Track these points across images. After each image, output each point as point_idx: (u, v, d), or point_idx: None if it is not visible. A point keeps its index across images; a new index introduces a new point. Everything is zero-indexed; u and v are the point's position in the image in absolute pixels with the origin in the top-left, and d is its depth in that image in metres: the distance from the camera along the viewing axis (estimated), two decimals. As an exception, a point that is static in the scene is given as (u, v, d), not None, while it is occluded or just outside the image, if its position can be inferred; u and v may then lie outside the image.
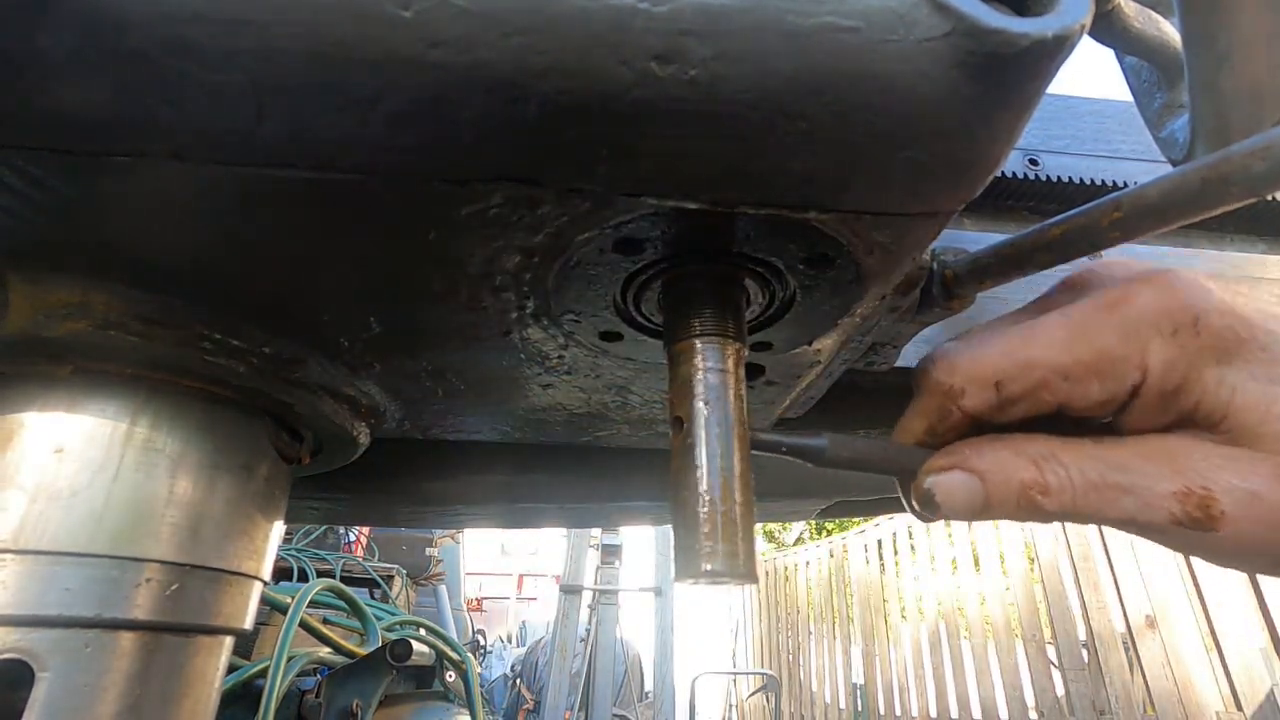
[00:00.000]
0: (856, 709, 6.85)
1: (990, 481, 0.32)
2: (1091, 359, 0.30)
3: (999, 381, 0.32)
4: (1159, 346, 0.29)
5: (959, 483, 0.32)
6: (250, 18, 0.23)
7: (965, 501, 0.32)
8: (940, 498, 0.33)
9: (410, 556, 3.83)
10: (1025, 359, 0.31)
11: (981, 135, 0.28)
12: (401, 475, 0.74)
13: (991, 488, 0.32)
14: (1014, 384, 0.31)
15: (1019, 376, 0.31)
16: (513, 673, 7.09)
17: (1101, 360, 0.30)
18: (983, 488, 0.32)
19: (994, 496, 0.31)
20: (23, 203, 0.30)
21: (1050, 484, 0.31)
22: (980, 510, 0.32)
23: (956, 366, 0.33)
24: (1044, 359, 0.31)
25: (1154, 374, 0.30)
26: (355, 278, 0.37)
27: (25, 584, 0.35)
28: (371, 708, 1.22)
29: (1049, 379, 0.31)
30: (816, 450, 0.36)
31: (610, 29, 0.23)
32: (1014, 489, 0.31)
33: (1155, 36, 0.57)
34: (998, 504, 0.31)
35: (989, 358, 0.32)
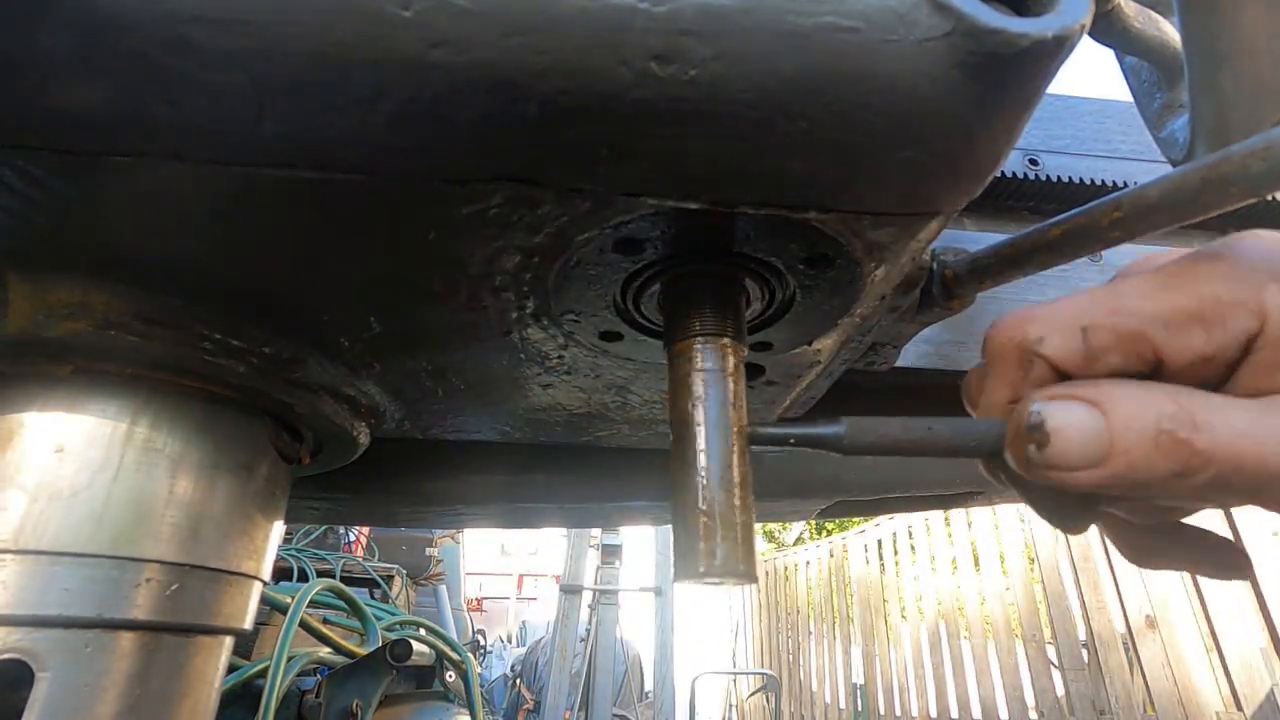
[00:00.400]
0: (856, 709, 6.85)
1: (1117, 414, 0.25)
2: (1195, 305, 0.26)
3: (1085, 327, 0.27)
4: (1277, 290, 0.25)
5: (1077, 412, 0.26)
6: (250, 17, 0.23)
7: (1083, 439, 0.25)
8: (1053, 424, 0.26)
9: (410, 556, 3.83)
10: (1115, 305, 0.27)
11: (981, 135, 0.28)
12: (401, 475, 0.74)
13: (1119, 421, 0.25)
14: (1103, 331, 0.27)
15: (1109, 323, 0.27)
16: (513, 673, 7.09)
17: (1207, 305, 0.26)
18: (1106, 424, 0.25)
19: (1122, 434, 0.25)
20: (23, 203, 0.30)
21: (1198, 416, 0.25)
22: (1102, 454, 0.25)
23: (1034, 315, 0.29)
24: (1137, 306, 0.27)
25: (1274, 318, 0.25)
26: (355, 278, 0.37)
27: (25, 584, 0.35)
28: (371, 708, 1.22)
29: (1145, 327, 0.26)
30: (834, 438, 0.32)
31: (610, 29, 0.23)
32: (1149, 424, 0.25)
33: (1155, 36, 0.57)
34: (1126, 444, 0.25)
35: (1073, 304, 0.28)
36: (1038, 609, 5.03)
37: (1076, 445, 0.26)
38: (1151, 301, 0.27)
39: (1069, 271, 0.68)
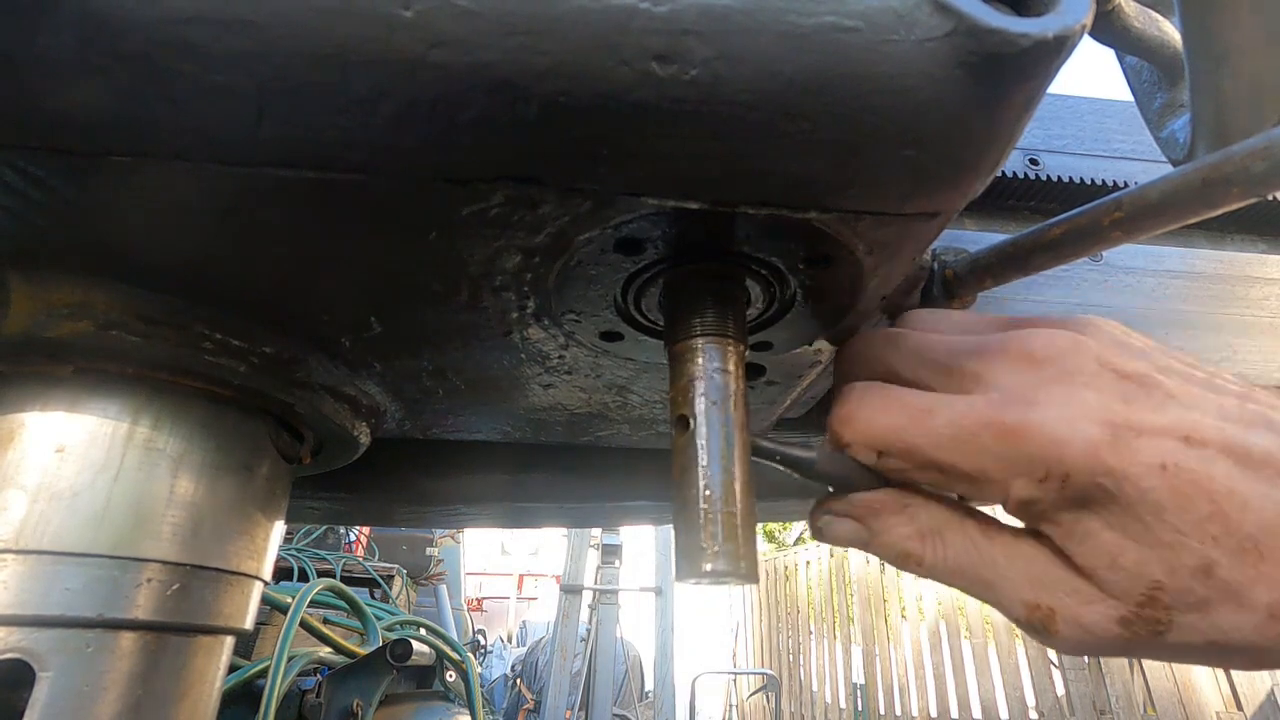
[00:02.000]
0: (857, 709, 6.85)
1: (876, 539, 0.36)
2: (967, 469, 0.32)
3: (881, 451, 0.34)
4: (1023, 485, 0.31)
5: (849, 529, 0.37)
6: (251, 18, 0.23)
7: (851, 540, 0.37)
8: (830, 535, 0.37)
9: (410, 556, 3.83)
10: (910, 443, 0.33)
11: (982, 135, 0.28)
12: (402, 475, 0.74)
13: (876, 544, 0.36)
14: (892, 459, 0.34)
15: (900, 455, 0.34)
16: (513, 673, 7.09)
17: (975, 474, 0.32)
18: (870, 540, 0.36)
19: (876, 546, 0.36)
20: (24, 203, 0.30)
21: (926, 559, 0.34)
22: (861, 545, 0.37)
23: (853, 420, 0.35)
24: (926, 451, 0.33)
25: (1012, 504, 0.32)
26: (356, 278, 0.37)
27: (26, 584, 0.35)
28: (372, 707, 1.22)
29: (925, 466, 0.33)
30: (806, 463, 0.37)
31: (611, 29, 0.23)
32: (895, 552, 0.35)
33: (1155, 36, 0.57)
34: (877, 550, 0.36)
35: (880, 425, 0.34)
36: (1038, 609, 5.02)
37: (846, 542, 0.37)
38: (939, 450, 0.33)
39: (1069, 271, 0.68)
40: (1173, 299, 0.69)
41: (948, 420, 0.33)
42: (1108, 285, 0.69)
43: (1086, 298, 0.68)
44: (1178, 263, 0.71)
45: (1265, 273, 0.73)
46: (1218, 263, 0.73)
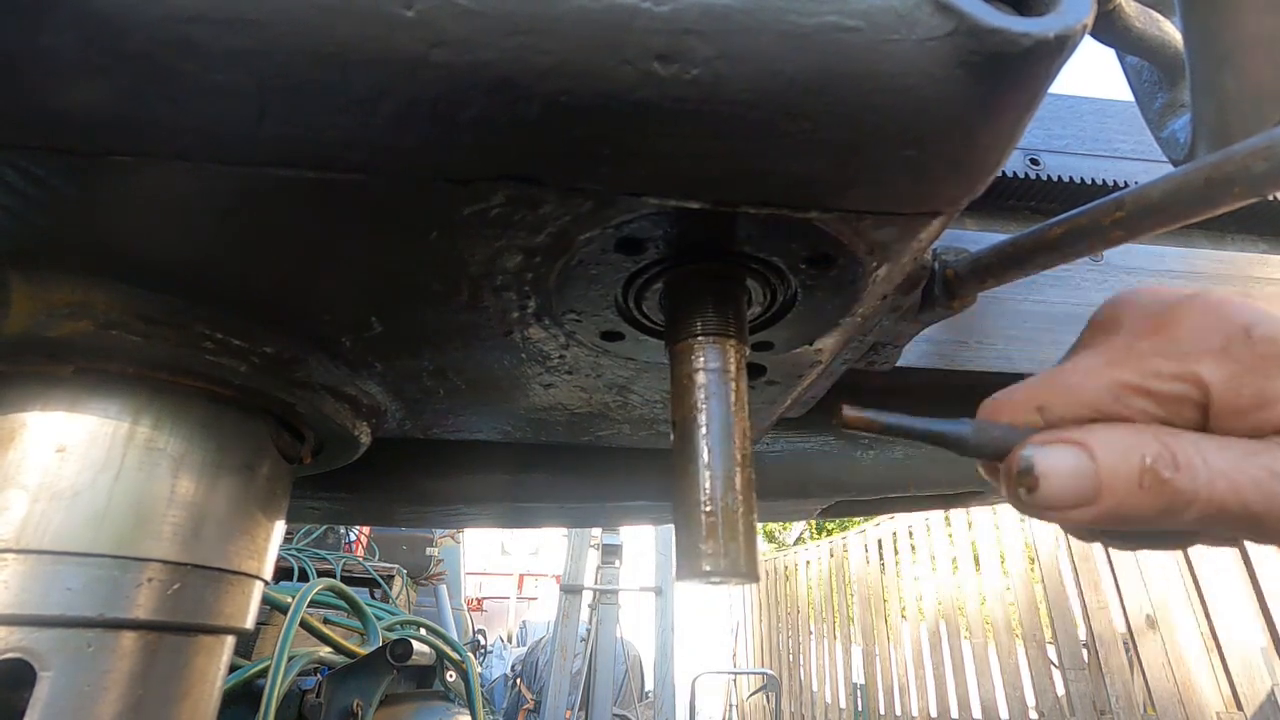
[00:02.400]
0: (856, 709, 6.85)
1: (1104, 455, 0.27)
2: (1137, 380, 0.28)
3: (1040, 405, 0.30)
4: (1212, 364, 0.27)
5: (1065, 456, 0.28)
6: (252, 17, 0.23)
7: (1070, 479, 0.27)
8: (1041, 469, 0.28)
9: (410, 556, 3.82)
10: (1064, 384, 0.29)
11: (983, 135, 0.28)
12: (402, 475, 0.74)
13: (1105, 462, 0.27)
14: (1059, 408, 0.29)
15: (1059, 400, 0.29)
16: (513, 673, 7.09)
17: (1149, 381, 0.28)
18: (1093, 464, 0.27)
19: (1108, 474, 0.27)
20: (25, 202, 0.30)
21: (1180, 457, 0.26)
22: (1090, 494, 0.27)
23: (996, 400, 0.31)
24: (1086, 383, 0.29)
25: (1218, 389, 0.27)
26: (356, 278, 0.37)
27: (27, 584, 0.35)
28: (372, 707, 1.22)
29: (1097, 399, 0.28)
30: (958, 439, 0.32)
31: (613, 29, 0.23)
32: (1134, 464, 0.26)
33: (1156, 36, 0.57)
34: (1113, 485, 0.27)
35: (1025, 387, 0.30)
36: (1038, 609, 5.03)
37: (1065, 487, 0.27)
38: (1098, 379, 0.29)
39: (1070, 271, 0.68)
40: (1173, 299, 0.69)
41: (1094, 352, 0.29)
42: (1108, 285, 0.69)
43: (1087, 298, 0.68)
44: (1178, 263, 0.71)
45: (1265, 273, 0.73)
46: (1218, 263, 0.73)
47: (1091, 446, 0.27)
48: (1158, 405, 0.28)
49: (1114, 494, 0.27)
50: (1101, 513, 0.27)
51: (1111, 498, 0.27)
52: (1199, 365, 0.27)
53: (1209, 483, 0.26)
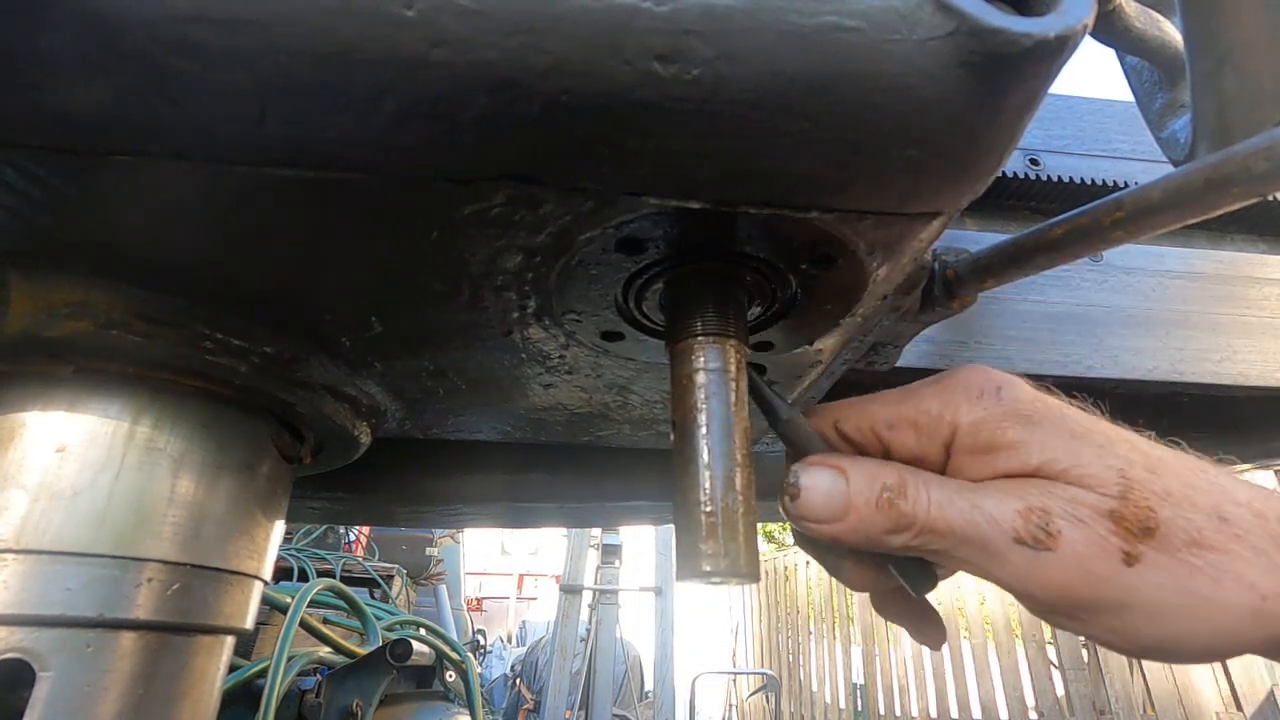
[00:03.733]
0: (856, 709, 6.84)
1: (855, 478, 0.34)
2: (911, 414, 0.35)
3: (835, 420, 0.37)
4: (967, 408, 0.34)
5: (826, 476, 0.34)
6: (252, 17, 0.23)
7: (827, 495, 0.34)
8: (804, 483, 0.34)
9: (410, 556, 3.82)
10: (861, 409, 0.37)
11: (984, 135, 0.28)
12: (402, 475, 0.74)
13: (855, 484, 0.34)
14: (848, 425, 0.37)
15: (853, 419, 0.37)
16: (513, 673, 7.08)
17: (919, 415, 0.35)
18: (846, 485, 0.34)
19: (855, 495, 0.33)
20: (25, 202, 0.30)
21: (909, 489, 0.33)
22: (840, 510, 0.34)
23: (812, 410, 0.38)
24: (875, 411, 0.36)
25: (963, 430, 0.34)
26: (357, 277, 0.37)
27: (27, 584, 0.35)
28: (372, 707, 1.22)
29: (875, 424, 0.36)
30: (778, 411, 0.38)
31: (613, 29, 0.23)
32: (875, 489, 0.33)
33: (1157, 36, 0.57)
34: (857, 504, 0.33)
35: (836, 406, 0.38)
36: (1038, 609, 5.02)
37: (820, 502, 0.34)
38: (885, 409, 0.36)
39: (1069, 271, 0.68)
40: (1173, 299, 0.69)
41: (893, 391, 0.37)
42: (1108, 285, 0.69)
43: (1087, 298, 0.68)
44: (1178, 263, 0.71)
45: (1265, 273, 0.73)
46: (1218, 263, 0.73)
47: (847, 471, 0.34)
48: (918, 441, 0.35)
49: (857, 511, 0.33)
50: (848, 528, 0.34)
51: (855, 515, 0.33)
52: (957, 408, 0.34)
53: (926, 511, 0.33)
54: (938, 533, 0.32)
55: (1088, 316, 0.67)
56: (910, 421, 0.35)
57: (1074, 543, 0.30)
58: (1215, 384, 0.66)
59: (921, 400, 0.36)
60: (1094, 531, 0.30)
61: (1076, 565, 0.30)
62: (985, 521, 0.32)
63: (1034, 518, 0.31)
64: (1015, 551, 0.31)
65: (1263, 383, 0.67)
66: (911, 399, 0.36)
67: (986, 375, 0.35)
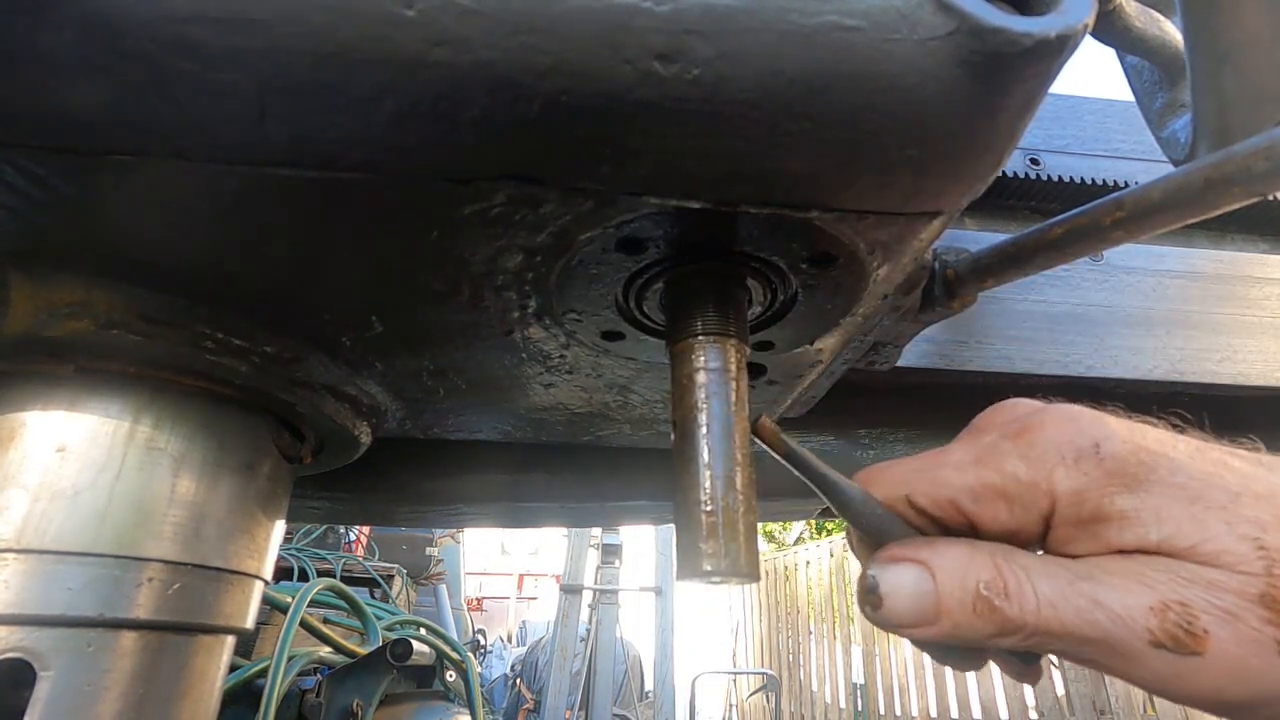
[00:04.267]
0: (857, 709, 6.85)
1: (943, 577, 0.29)
2: (999, 482, 0.30)
3: (908, 495, 0.32)
4: (1064, 474, 0.29)
5: (909, 577, 0.30)
6: (252, 16, 0.23)
7: (912, 599, 0.30)
8: (885, 589, 0.30)
9: (410, 556, 3.82)
10: (934, 476, 0.31)
11: (984, 134, 0.28)
12: (402, 475, 0.74)
13: (944, 585, 0.29)
14: (923, 498, 0.31)
15: (929, 491, 0.31)
16: (513, 672, 7.08)
17: (1008, 483, 0.30)
18: (934, 586, 0.29)
19: (947, 597, 0.29)
20: (26, 202, 0.30)
21: (1010, 585, 0.28)
22: (931, 614, 0.29)
23: (871, 472, 0.33)
24: (952, 479, 0.31)
25: (1063, 501, 0.29)
26: (357, 277, 0.37)
27: (28, 583, 0.35)
28: (372, 707, 1.22)
29: (957, 497, 0.31)
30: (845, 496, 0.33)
31: (613, 28, 0.23)
32: (970, 590, 0.29)
33: (1157, 36, 0.57)
34: (950, 607, 0.29)
35: (900, 467, 0.32)
36: (1038, 609, 5.02)
37: (907, 608, 0.30)
38: (964, 475, 0.31)
39: (1070, 271, 0.68)
40: (1173, 299, 0.69)
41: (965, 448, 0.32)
42: (1108, 285, 0.69)
43: (1086, 297, 0.68)
44: (1178, 262, 0.71)
45: (1265, 273, 0.73)
46: (1218, 263, 0.73)
47: (933, 568, 0.29)
48: (1011, 514, 0.30)
49: (951, 616, 0.29)
50: (942, 632, 0.29)
51: (949, 620, 0.29)
52: (1052, 475, 0.29)
53: (1036, 611, 0.28)
54: (1053, 635, 0.28)
55: (1088, 316, 0.67)
56: (998, 492, 0.30)
57: (1224, 642, 0.25)
58: (1215, 384, 0.66)
59: (1005, 463, 0.30)
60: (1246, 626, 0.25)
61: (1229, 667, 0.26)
62: (1111, 621, 0.27)
63: (1171, 615, 0.26)
64: (1153, 657, 0.26)
65: (1263, 383, 0.67)
66: (992, 461, 0.30)
67: (1078, 428, 0.30)
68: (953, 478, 0.31)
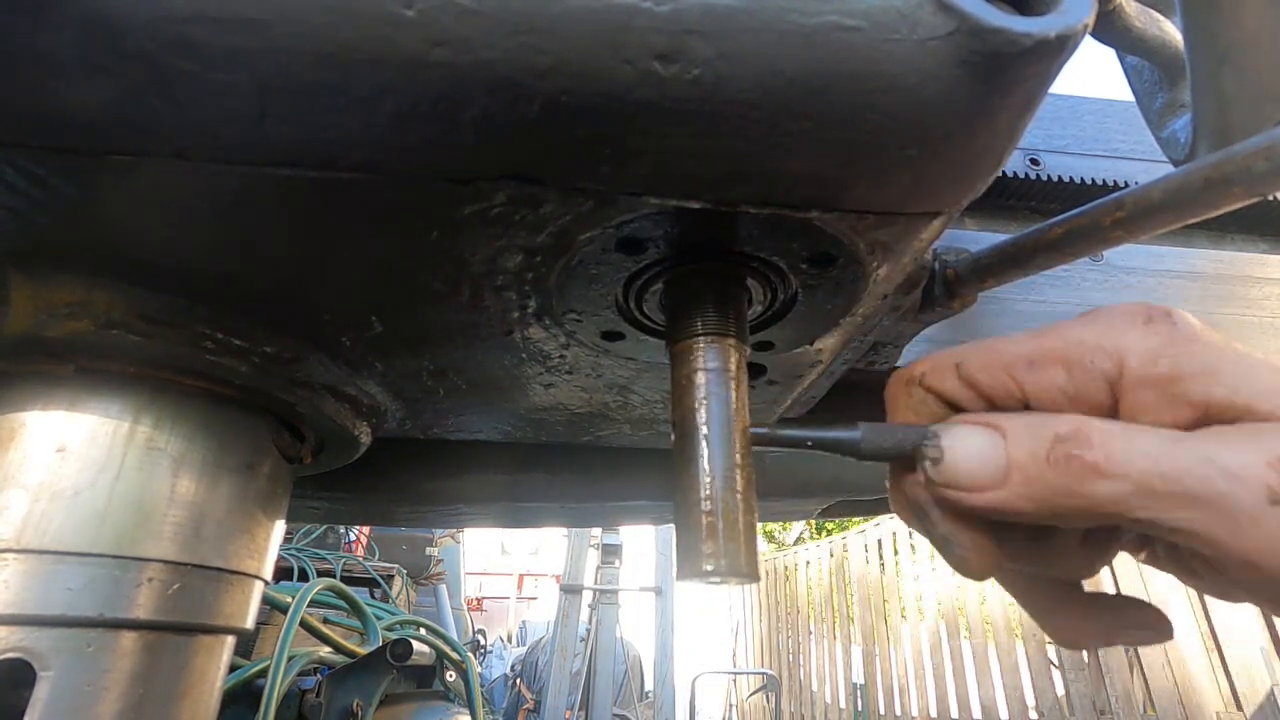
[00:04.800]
0: (856, 709, 6.85)
1: (1015, 434, 0.26)
2: (1058, 345, 0.27)
3: (959, 363, 0.29)
4: (1136, 335, 0.26)
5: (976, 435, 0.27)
6: (252, 16, 0.23)
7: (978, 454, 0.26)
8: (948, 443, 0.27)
9: (410, 556, 3.83)
10: (988, 346, 0.29)
11: (984, 134, 0.28)
12: (402, 475, 0.74)
13: (1015, 442, 0.26)
14: (974, 366, 0.28)
15: (980, 361, 0.28)
16: (513, 672, 7.09)
17: (1070, 346, 0.27)
18: (1004, 444, 0.26)
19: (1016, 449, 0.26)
20: (25, 202, 0.30)
21: (1094, 437, 0.25)
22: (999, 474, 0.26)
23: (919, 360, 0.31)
24: (1005, 348, 0.28)
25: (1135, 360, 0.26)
26: (357, 277, 0.37)
27: (28, 584, 0.35)
28: (372, 707, 1.22)
29: (1011, 364, 0.28)
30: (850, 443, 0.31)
31: (613, 28, 0.23)
32: (1045, 443, 0.25)
33: (1157, 36, 0.57)
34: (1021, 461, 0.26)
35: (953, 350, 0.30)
36: (1038, 609, 5.02)
37: (972, 464, 0.26)
38: (1019, 345, 0.28)
39: (1070, 271, 0.68)
40: (1173, 299, 0.69)
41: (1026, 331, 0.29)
42: (1108, 285, 0.69)
43: (1086, 297, 0.68)
44: (1178, 263, 0.71)
45: (1265, 273, 0.73)
46: (1218, 263, 0.73)
47: (1001, 425, 0.27)
48: (1071, 378, 0.27)
49: (1023, 470, 0.26)
50: (1012, 495, 0.26)
51: (1020, 474, 0.26)
52: (1122, 336, 0.26)
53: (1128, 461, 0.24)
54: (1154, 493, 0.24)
55: (1088, 316, 0.66)
56: (1057, 354, 0.27)
57: None
58: (1215, 384, 0.66)
59: (1070, 330, 0.27)
60: None
61: None
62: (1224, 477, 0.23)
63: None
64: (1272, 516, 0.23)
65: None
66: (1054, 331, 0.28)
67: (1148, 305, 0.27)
68: (1008, 348, 0.28)
